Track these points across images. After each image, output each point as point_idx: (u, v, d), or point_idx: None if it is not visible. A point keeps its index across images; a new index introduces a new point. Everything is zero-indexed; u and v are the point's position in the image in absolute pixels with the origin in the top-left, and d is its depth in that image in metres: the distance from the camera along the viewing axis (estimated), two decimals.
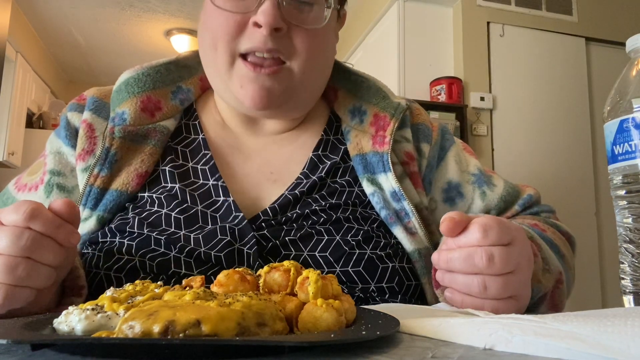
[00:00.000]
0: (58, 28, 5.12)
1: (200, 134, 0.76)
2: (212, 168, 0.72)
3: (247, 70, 0.67)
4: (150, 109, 0.74)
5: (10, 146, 4.55)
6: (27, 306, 0.50)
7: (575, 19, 3.74)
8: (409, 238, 0.69)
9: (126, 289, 0.44)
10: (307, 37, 0.68)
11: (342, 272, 0.63)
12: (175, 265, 0.62)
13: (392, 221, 0.70)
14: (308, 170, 0.73)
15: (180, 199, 0.68)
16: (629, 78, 0.53)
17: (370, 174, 0.73)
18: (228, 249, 0.63)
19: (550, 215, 0.82)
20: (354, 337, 0.32)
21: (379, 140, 0.74)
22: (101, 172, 0.69)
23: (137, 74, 0.76)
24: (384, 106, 0.77)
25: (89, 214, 0.69)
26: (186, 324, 0.30)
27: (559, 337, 0.31)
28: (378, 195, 0.71)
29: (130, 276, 0.63)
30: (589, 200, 3.53)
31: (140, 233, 0.65)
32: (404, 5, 3.56)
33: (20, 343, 0.32)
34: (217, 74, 0.72)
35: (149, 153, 0.72)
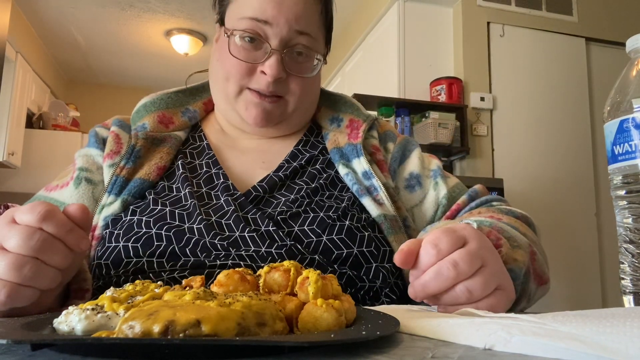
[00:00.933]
0: (58, 28, 5.12)
1: (204, 141, 0.92)
2: (214, 162, 0.87)
3: (252, 97, 0.83)
4: (165, 122, 0.91)
5: (10, 146, 4.55)
6: (29, 306, 0.51)
7: (576, 19, 3.74)
8: (376, 206, 0.81)
9: (126, 288, 0.44)
10: (301, 82, 0.85)
11: (328, 239, 0.73)
12: (189, 232, 0.72)
13: (362, 193, 0.82)
14: (290, 158, 0.88)
15: (189, 182, 0.82)
16: (629, 78, 0.53)
17: (345, 161, 0.87)
18: (235, 214, 0.75)
19: (502, 203, 0.87)
20: (354, 337, 0.32)
21: (354, 136, 0.91)
22: (127, 165, 0.82)
23: (153, 98, 0.93)
24: (357, 114, 0.95)
25: (113, 199, 0.79)
26: (186, 324, 0.30)
27: (557, 337, 0.31)
28: (351, 175, 0.84)
29: (145, 245, 0.70)
30: (589, 201, 3.53)
31: (159, 209, 0.75)
32: (404, 5, 3.57)
33: (20, 343, 0.32)
34: (225, 99, 0.88)
35: (166, 152, 0.86)
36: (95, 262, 0.74)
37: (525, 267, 0.61)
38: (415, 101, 3.35)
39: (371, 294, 0.73)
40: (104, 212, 0.78)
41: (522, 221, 0.77)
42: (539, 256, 0.67)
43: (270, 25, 0.80)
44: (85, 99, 6.42)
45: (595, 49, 3.76)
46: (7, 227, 0.50)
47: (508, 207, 0.81)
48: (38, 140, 5.13)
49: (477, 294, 0.51)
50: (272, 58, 0.80)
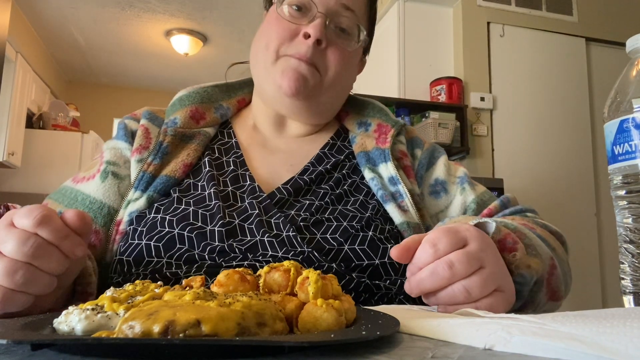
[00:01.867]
0: (58, 28, 5.12)
1: (233, 138, 0.92)
2: (242, 162, 0.87)
3: (290, 61, 0.83)
4: (196, 117, 0.91)
5: (10, 146, 4.55)
6: (25, 310, 0.51)
7: (576, 19, 3.74)
8: (400, 213, 0.80)
9: (126, 289, 0.44)
10: (338, 56, 0.85)
11: (350, 249, 0.72)
12: (210, 238, 0.71)
13: (387, 199, 0.81)
14: (315, 161, 0.88)
15: (215, 180, 0.82)
16: (629, 78, 0.53)
17: (372, 165, 0.87)
18: (258, 218, 0.75)
19: (537, 216, 0.86)
20: (354, 337, 0.32)
21: (382, 140, 0.90)
22: (154, 161, 0.82)
23: (189, 92, 0.94)
24: (386, 119, 0.95)
25: (139, 195, 0.80)
26: (186, 324, 0.30)
27: (557, 337, 0.31)
28: (377, 180, 0.84)
29: (167, 246, 0.71)
30: (589, 201, 3.53)
31: (182, 209, 0.76)
32: (404, 5, 3.56)
33: (20, 343, 0.32)
34: (263, 68, 0.87)
35: (193, 149, 0.86)
36: (117, 257, 0.74)
37: (538, 275, 0.60)
38: (415, 101, 3.35)
39: (385, 299, 0.73)
40: (130, 207, 0.79)
41: (556, 237, 0.75)
42: (559, 271, 0.66)
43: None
44: (86, 99, 6.42)
45: (596, 49, 3.76)
46: (5, 230, 0.49)
47: (543, 221, 0.79)
48: (38, 140, 5.13)
49: (475, 293, 0.51)
50: (317, 20, 0.82)
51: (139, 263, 0.71)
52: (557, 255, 0.68)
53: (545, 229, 0.75)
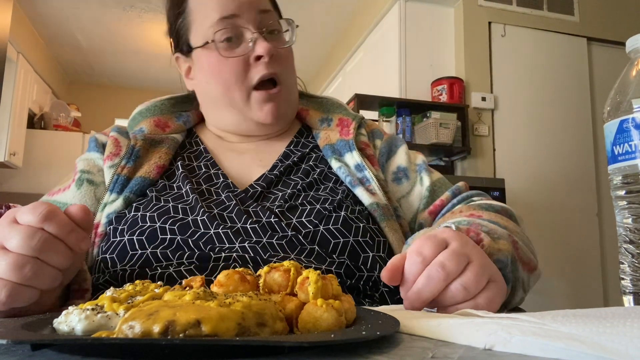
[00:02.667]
0: (59, 29, 5.13)
1: (201, 145, 0.95)
2: (213, 164, 0.90)
3: (262, 97, 0.87)
4: (161, 125, 0.94)
5: (11, 147, 4.56)
6: (30, 306, 0.51)
7: (577, 19, 3.73)
8: (369, 195, 0.83)
9: (126, 289, 0.44)
10: (285, 58, 0.89)
11: (325, 229, 0.75)
12: (194, 226, 0.73)
13: (355, 184, 0.84)
14: (282, 157, 0.91)
15: (189, 180, 0.84)
16: (629, 78, 0.53)
17: (338, 156, 0.90)
18: (237, 207, 0.77)
19: (482, 198, 0.89)
20: (354, 337, 0.32)
21: (345, 132, 0.94)
22: (127, 164, 0.84)
23: (147, 106, 0.97)
24: (346, 114, 0.99)
25: (115, 197, 0.81)
26: (186, 324, 0.30)
27: (557, 337, 0.31)
28: (344, 168, 0.87)
29: (150, 238, 0.72)
30: (590, 201, 3.52)
31: (161, 205, 0.77)
32: (405, 5, 3.56)
33: (20, 343, 0.33)
34: (231, 110, 0.90)
35: (164, 152, 0.89)
36: (100, 257, 0.75)
37: (511, 255, 0.62)
38: (416, 101, 3.35)
39: (370, 283, 0.74)
40: (107, 209, 0.80)
41: (502, 214, 0.78)
42: (520, 244, 0.68)
43: (238, 17, 0.85)
44: (87, 100, 6.43)
45: (597, 48, 3.76)
46: (9, 227, 0.50)
47: (488, 202, 0.82)
48: (39, 141, 5.14)
49: (472, 289, 0.51)
50: (259, 40, 0.84)
51: (123, 258, 0.72)
52: (511, 230, 0.70)
53: (490, 210, 0.79)
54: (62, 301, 0.63)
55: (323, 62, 5.61)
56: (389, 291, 0.76)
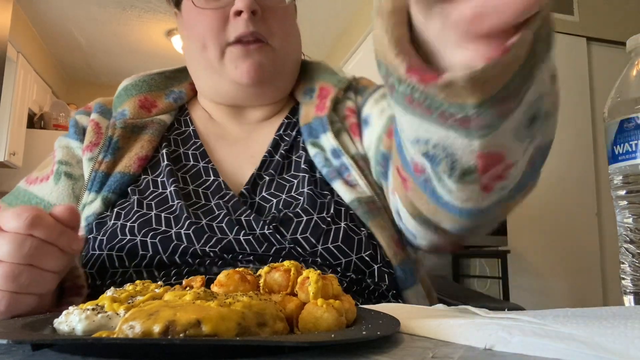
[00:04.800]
0: (59, 28, 5.12)
1: (190, 126, 0.85)
2: (202, 153, 0.81)
3: (238, 51, 0.76)
4: (147, 106, 0.84)
5: (11, 146, 4.55)
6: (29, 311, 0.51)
7: (577, 19, 3.73)
8: (348, 189, 0.73)
9: (126, 289, 0.44)
10: (279, 18, 0.78)
11: (324, 249, 0.68)
12: (177, 239, 0.66)
13: (333, 177, 0.75)
14: (272, 148, 0.81)
15: (175, 177, 0.75)
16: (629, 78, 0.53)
17: (314, 138, 0.79)
18: (227, 217, 0.69)
19: None
20: (354, 337, 0.32)
21: (321, 107, 0.81)
22: (105, 158, 0.76)
23: (135, 80, 0.87)
24: (329, 79, 0.85)
25: (94, 197, 0.74)
26: (186, 324, 0.30)
27: (558, 338, 0.31)
28: (320, 155, 0.77)
29: (130, 255, 0.66)
30: (590, 201, 3.52)
31: (143, 213, 0.70)
32: None
33: (20, 343, 0.33)
34: (209, 71, 0.80)
35: (147, 140, 0.80)
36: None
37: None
38: None
39: (377, 294, 0.70)
40: (86, 211, 0.74)
41: None
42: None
43: None
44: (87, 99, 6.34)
45: (597, 48, 3.76)
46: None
47: None
48: (39, 141, 5.13)
49: None
50: None
51: (103, 275, 0.67)
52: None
53: None
54: (56, 299, 0.61)
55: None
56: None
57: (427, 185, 0.52)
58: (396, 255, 0.71)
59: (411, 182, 0.57)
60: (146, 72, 0.89)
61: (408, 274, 0.71)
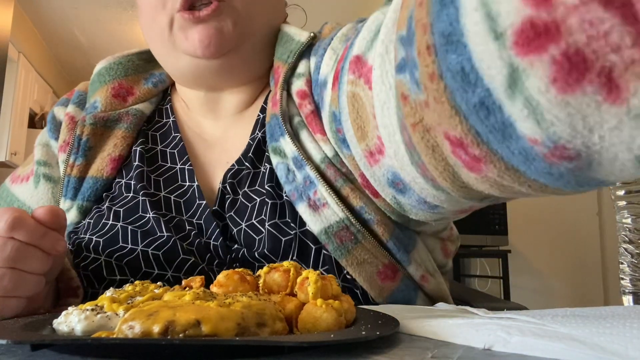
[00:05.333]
0: (60, 28, 5.13)
1: (171, 117, 0.75)
2: (181, 151, 0.71)
3: (185, 19, 0.63)
4: (122, 94, 0.74)
5: (12, 146, 4.56)
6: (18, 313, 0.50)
7: None
8: (314, 216, 0.57)
9: (126, 289, 0.44)
10: None
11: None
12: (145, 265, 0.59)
13: (296, 198, 0.59)
14: (242, 156, 0.68)
15: (145, 181, 0.67)
16: None
17: (275, 142, 0.63)
18: (197, 239, 0.61)
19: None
20: (353, 337, 0.32)
21: (274, 99, 0.65)
22: (76, 161, 0.69)
23: (109, 63, 0.76)
24: (282, 53, 0.67)
25: (70, 204, 0.68)
26: (186, 324, 0.30)
27: (557, 338, 0.31)
28: (282, 166, 0.61)
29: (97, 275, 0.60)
30: (590, 200, 3.52)
31: (110, 227, 0.62)
32: None
33: (20, 343, 0.33)
34: (163, 43, 0.68)
35: (121, 137, 0.71)
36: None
37: None
38: None
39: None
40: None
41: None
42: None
43: None
44: None
45: None
46: None
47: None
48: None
49: None
50: None
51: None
52: None
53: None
54: (54, 299, 0.60)
55: None
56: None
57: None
58: (382, 291, 0.58)
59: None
60: (123, 52, 0.78)
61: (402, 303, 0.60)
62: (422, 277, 0.61)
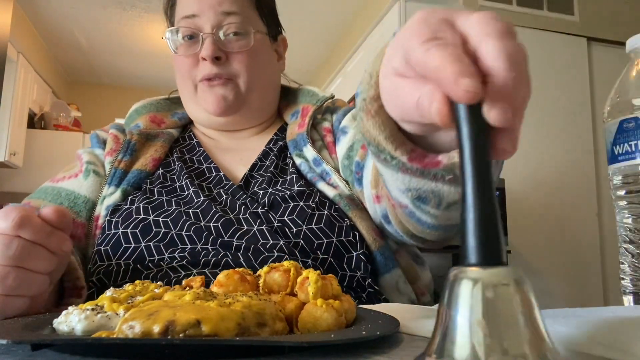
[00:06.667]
0: (59, 28, 5.12)
1: (194, 139, 0.99)
2: (205, 157, 0.94)
3: (204, 87, 0.90)
4: (157, 122, 0.99)
5: (11, 146, 4.55)
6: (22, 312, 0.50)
7: (577, 19, 3.73)
8: (331, 188, 0.83)
9: (126, 289, 0.44)
10: (242, 59, 0.90)
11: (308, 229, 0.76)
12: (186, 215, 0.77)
13: (316, 180, 0.85)
14: (262, 156, 0.93)
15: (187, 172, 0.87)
16: (629, 78, 0.53)
17: (299, 151, 0.91)
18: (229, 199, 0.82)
19: None
20: (354, 337, 0.32)
21: (302, 124, 0.93)
22: (124, 158, 0.89)
23: (144, 103, 1.02)
24: (309, 100, 0.98)
25: (114, 190, 0.85)
26: (186, 324, 0.30)
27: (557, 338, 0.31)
28: (304, 164, 0.88)
29: (144, 232, 0.75)
30: (590, 201, 3.52)
31: (156, 197, 0.81)
32: (405, 5, 3.56)
33: (20, 343, 0.33)
34: (189, 99, 0.95)
35: (160, 146, 0.93)
36: (95, 249, 0.77)
37: None
38: None
39: (354, 284, 0.75)
40: (106, 202, 0.83)
41: None
42: None
43: (199, 17, 0.88)
44: (87, 99, 6.42)
45: (597, 48, 3.76)
46: None
47: None
48: (40, 141, 5.13)
49: None
50: (206, 41, 0.87)
51: (116, 251, 0.74)
52: None
53: None
54: (56, 299, 0.62)
55: (323, 62, 5.60)
56: (374, 292, 0.75)
57: (412, 215, 0.56)
58: (375, 241, 0.79)
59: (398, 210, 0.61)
60: (152, 98, 1.04)
61: (388, 258, 0.79)
62: (397, 252, 0.82)
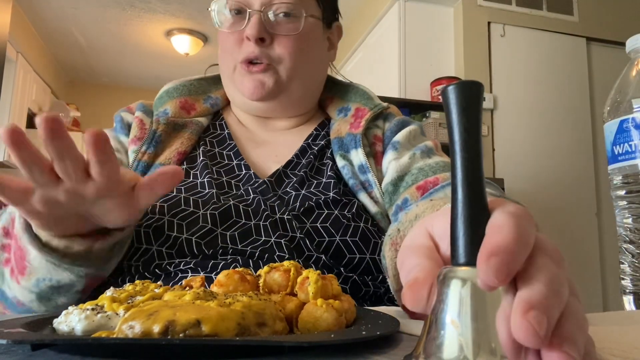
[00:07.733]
0: (59, 28, 5.12)
1: (225, 130, 0.93)
2: (236, 153, 0.88)
3: (242, 70, 0.85)
4: (187, 108, 0.92)
5: None
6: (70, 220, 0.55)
7: (576, 19, 3.73)
8: (373, 203, 0.79)
9: (126, 289, 0.44)
10: (288, 44, 0.84)
11: (341, 241, 0.72)
12: (202, 221, 0.72)
13: (358, 189, 0.81)
14: (299, 153, 0.88)
15: (209, 169, 0.82)
16: (628, 78, 0.53)
17: (344, 152, 0.86)
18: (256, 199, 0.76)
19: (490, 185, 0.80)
20: (354, 337, 0.32)
21: (355, 125, 0.88)
22: (148, 150, 0.84)
23: (176, 85, 0.94)
24: (365, 103, 0.92)
25: None
26: (186, 324, 0.30)
27: None
28: (348, 167, 0.83)
29: (156, 233, 0.71)
30: (590, 201, 3.52)
31: (173, 195, 0.76)
32: (404, 5, 3.56)
33: (20, 343, 0.33)
34: (227, 78, 0.90)
35: (187, 138, 0.87)
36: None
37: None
38: (416, 101, 3.35)
39: (374, 298, 0.72)
40: None
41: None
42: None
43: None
44: (86, 99, 6.42)
45: (596, 48, 3.76)
46: None
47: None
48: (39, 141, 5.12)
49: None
50: (252, 19, 0.82)
51: (127, 251, 0.71)
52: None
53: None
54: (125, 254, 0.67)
55: None
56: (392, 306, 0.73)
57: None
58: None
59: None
60: (187, 77, 0.97)
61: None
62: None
